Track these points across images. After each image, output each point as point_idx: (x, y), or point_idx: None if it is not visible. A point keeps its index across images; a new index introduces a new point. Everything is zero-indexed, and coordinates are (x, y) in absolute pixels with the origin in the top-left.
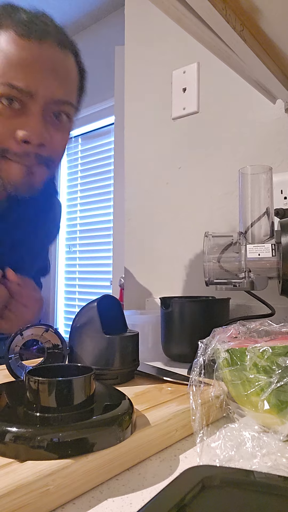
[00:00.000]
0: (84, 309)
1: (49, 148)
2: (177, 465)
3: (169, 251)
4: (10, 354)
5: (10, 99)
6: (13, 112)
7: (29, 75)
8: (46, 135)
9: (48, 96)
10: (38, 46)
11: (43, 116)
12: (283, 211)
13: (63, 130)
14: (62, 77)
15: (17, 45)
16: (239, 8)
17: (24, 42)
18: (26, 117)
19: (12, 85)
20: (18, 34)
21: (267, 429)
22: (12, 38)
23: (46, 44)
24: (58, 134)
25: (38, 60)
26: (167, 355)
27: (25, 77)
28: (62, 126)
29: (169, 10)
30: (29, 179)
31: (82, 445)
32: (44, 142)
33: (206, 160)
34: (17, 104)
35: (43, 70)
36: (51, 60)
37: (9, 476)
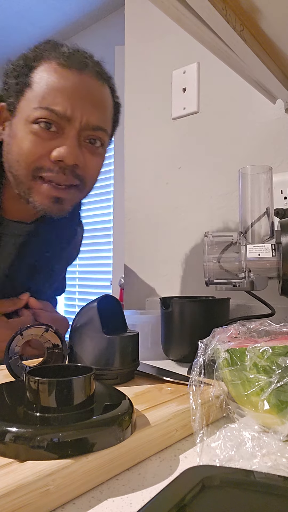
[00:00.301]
0: (84, 309)
1: (82, 170)
2: (177, 465)
3: (169, 251)
4: (10, 354)
5: (48, 122)
6: (51, 135)
7: (67, 100)
8: (80, 157)
9: (84, 121)
10: (77, 75)
11: (78, 140)
12: (283, 211)
13: (97, 155)
14: (98, 105)
15: (58, 74)
16: (239, 8)
17: (64, 71)
18: (62, 139)
19: (50, 109)
20: (59, 64)
21: (267, 429)
22: (54, 68)
23: (84, 74)
24: (92, 158)
25: (76, 88)
26: (167, 355)
27: (63, 102)
28: (96, 151)
29: (169, 10)
30: (60, 201)
31: (82, 445)
32: (78, 163)
33: (206, 160)
34: (55, 127)
35: (81, 97)
36: (88, 88)
37: (9, 476)
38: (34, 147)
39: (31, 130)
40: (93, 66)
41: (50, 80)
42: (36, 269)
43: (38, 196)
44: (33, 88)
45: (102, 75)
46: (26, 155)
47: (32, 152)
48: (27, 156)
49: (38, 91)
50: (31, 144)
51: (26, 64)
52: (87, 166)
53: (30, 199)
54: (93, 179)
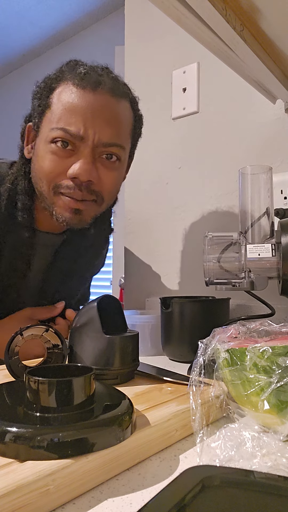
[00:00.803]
0: (84, 309)
1: (97, 185)
2: (177, 465)
3: (169, 251)
4: (10, 354)
5: (64, 141)
6: (67, 153)
7: (80, 120)
8: (94, 174)
9: (97, 139)
10: (91, 94)
11: (92, 157)
12: (283, 211)
13: (113, 170)
14: (112, 122)
15: (73, 94)
16: (239, 8)
17: (79, 91)
18: (77, 157)
19: (66, 130)
20: (74, 84)
21: (267, 429)
22: (69, 88)
23: (98, 92)
24: (107, 173)
25: (90, 107)
26: (167, 355)
27: (77, 123)
28: (111, 166)
29: (169, 10)
30: (79, 212)
31: (82, 445)
32: (92, 179)
33: (206, 160)
34: (70, 146)
35: (94, 116)
36: (102, 106)
37: (9, 476)
38: (53, 166)
39: (50, 149)
40: (108, 83)
41: (66, 101)
42: (66, 278)
43: (59, 209)
44: (52, 109)
45: (117, 91)
46: (47, 173)
47: (51, 170)
48: (47, 174)
49: (55, 112)
50: (50, 163)
51: (47, 85)
52: (102, 181)
53: (53, 212)
54: (110, 193)
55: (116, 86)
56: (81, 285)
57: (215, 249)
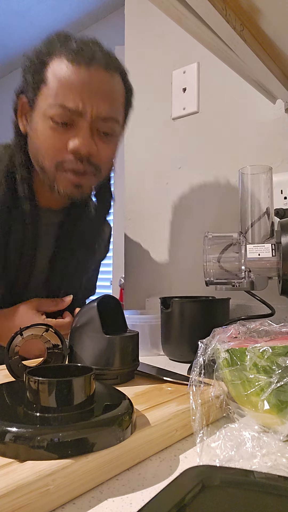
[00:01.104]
0: (84, 309)
1: (96, 158)
2: (177, 465)
3: (169, 251)
4: (10, 354)
5: (63, 117)
6: (66, 129)
7: (78, 96)
8: (93, 147)
9: (95, 114)
10: (86, 70)
11: (90, 131)
12: (283, 211)
13: (109, 143)
14: (107, 97)
15: (68, 70)
16: (239, 8)
17: (74, 67)
18: (77, 132)
19: (64, 106)
20: (69, 60)
21: (267, 429)
22: (64, 64)
23: (93, 68)
24: (104, 146)
25: (86, 83)
26: (167, 355)
27: (74, 99)
28: (108, 140)
29: (169, 10)
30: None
31: (82, 445)
32: (92, 152)
33: (206, 160)
34: (69, 121)
35: (90, 91)
36: (97, 82)
37: (9, 476)
38: (54, 142)
39: (49, 125)
40: (101, 58)
41: (62, 77)
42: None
43: (62, 184)
44: (47, 84)
45: (111, 65)
46: (48, 150)
47: (52, 147)
48: (48, 150)
49: (52, 87)
50: (50, 140)
51: (39, 59)
52: (100, 154)
53: (55, 186)
54: (107, 165)
55: (109, 61)
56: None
57: (215, 249)
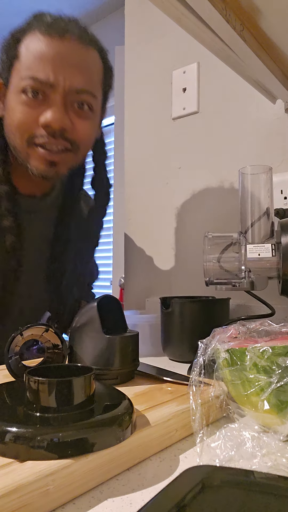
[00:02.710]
0: (84, 309)
1: (71, 133)
2: (177, 465)
3: (169, 251)
4: (10, 354)
5: (35, 91)
6: (38, 102)
7: (49, 68)
8: (67, 121)
9: (67, 85)
10: (59, 42)
11: (64, 104)
12: (283, 211)
13: (86, 119)
14: (82, 69)
15: (41, 42)
16: (239, 8)
17: (46, 39)
18: (49, 106)
19: (35, 78)
20: (41, 33)
21: (267, 429)
22: (37, 37)
23: (66, 39)
24: (80, 121)
25: (58, 54)
26: (167, 355)
27: (45, 70)
28: (84, 114)
29: (169, 10)
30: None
31: (82, 445)
32: (65, 127)
33: (206, 160)
34: (41, 95)
35: (63, 62)
36: (70, 53)
37: (9, 476)
38: (24, 117)
39: (20, 100)
40: (75, 31)
41: (34, 49)
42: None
43: (34, 162)
44: (20, 59)
45: (86, 39)
46: (18, 125)
47: (23, 121)
48: (19, 125)
49: (24, 61)
50: (21, 114)
51: (13, 37)
52: (76, 129)
53: (28, 166)
54: (85, 142)
55: (84, 35)
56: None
57: (215, 249)
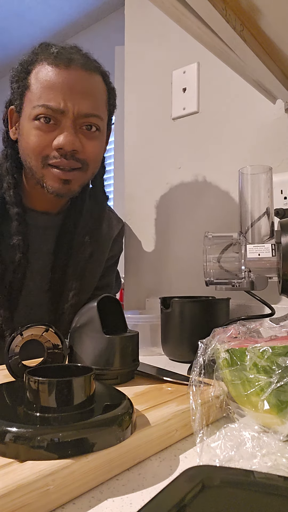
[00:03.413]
0: (84, 309)
1: (81, 154)
2: (177, 465)
3: (169, 251)
4: (10, 354)
5: (47, 117)
6: (50, 128)
7: (59, 96)
8: (78, 143)
9: (76, 111)
10: (65, 70)
11: (74, 128)
12: (283, 211)
13: (94, 139)
14: (87, 94)
15: (50, 73)
16: (239, 8)
17: (54, 69)
18: (60, 130)
19: (47, 106)
20: (49, 64)
21: (267, 429)
22: (45, 68)
23: (71, 68)
24: (89, 142)
25: (66, 82)
26: (167, 355)
27: (56, 98)
28: (92, 135)
29: (169, 10)
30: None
31: (82, 445)
32: (76, 148)
33: (206, 160)
34: (53, 120)
35: (70, 90)
36: (76, 80)
37: (9, 476)
38: (39, 140)
39: (34, 126)
40: (79, 59)
41: (43, 80)
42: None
43: (49, 181)
44: (31, 89)
45: (89, 66)
46: (33, 148)
47: (38, 144)
48: (34, 148)
49: (35, 91)
50: (35, 138)
51: (23, 68)
52: (85, 150)
53: (44, 184)
54: (94, 161)
55: (87, 62)
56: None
57: (215, 249)
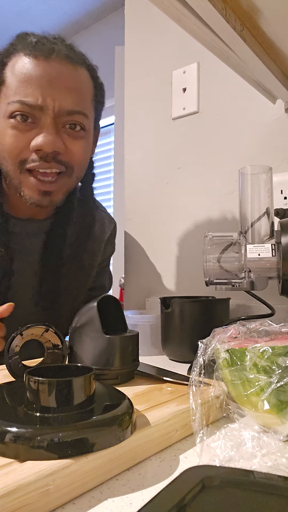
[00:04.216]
0: (84, 309)
1: (65, 155)
2: (177, 465)
3: (169, 251)
4: (10, 354)
5: (24, 115)
6: (28, 126)
7: (37, 90)
8: (59, 144)
9: (57, 107)
10: (45, 62)
11: (55, 127)
12: (283, 211)
13: (79, 139)
14: (72, 89)
15: (27, 65)
16: (239, 8)
17: (32, 61)
18: (39, 129)
19: (23, 102)
20: (26, 55)
21: (267, 429)
22: (22, 60)
23: (52, 60)
24: (74, 142)
25: (45, 75)
26: (167, 355)
27: (33, 93)
28: (77, 135)
29: (169, 10)
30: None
31: (82, 445)
32: (58, 150)
33: (206, 160)
34: (30, 118)
35: (51, 84)
36: (58, 74)
37: (9, 476)
38: (15, 141)
39: (9, 124)
40: (62, 50)
41: (19, 73)
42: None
43: (27, 190)
44: (6, 84)
45: (74, 58)
46: (9, 150)
47: (14, 146)
48: (10, 151)
49: (10, 86)
50: (11, 139)
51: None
52: (70, 151)
53: (22, 193)
54: (79, 163)
55: (72, 53)
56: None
57: (215, 249)
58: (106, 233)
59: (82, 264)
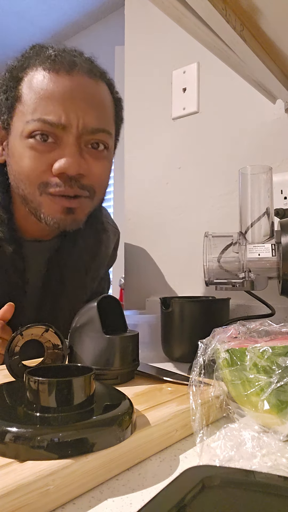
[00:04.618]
0: (84, 309)
1: (88, 178)
2: (177, 465)
3: (169, 251)
4: (10, 354)
5: (44, 134)
6: (49, 147)
7: (59, 107)
8: (83, 165)
9: (81, 125)
10: (66, 77)
11: (78, 147)
12: (283, 211)
13: (102, 159)
14: (94, 105)
15: (46, 80)
16: (239, 8)
17: (52, 76)
18: (61, 149)
19: (44, 120)
20: (45, 69)
21: (267, 429)
22: (41, 74)
23: (74, 74)
24: (96, 163)
25: (67, 91)
26: (167, 355)
27: (56, 110)
28: (100, 155)
29: (169, 10)
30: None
31: (82, 445)
32: (82, 172)
33: (206, 160)
34: (51, 138)
35: (73, 100)
36: (81, 89)
37: (9, 476)
38: (35, 164)
39: (28, 145)
40: (83, 64)
41: (39, 89)
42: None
43: (49, 210)
44: (23, 101)
45: (95, 72)
46: (28, 173)
47: (33, 169)
48: (29, 173)
49: (28, 103)
50: (30, 161)
51: (12, 76)
52: (92, 173)
53: (41, 216)
54: (102, 186)
55: (93, 67)
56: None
57: (215, 249)
58: (110, 247)
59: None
